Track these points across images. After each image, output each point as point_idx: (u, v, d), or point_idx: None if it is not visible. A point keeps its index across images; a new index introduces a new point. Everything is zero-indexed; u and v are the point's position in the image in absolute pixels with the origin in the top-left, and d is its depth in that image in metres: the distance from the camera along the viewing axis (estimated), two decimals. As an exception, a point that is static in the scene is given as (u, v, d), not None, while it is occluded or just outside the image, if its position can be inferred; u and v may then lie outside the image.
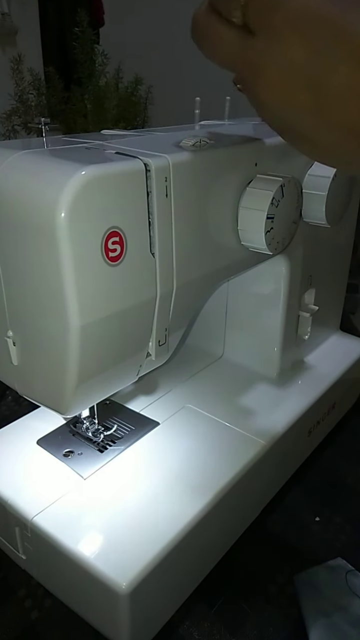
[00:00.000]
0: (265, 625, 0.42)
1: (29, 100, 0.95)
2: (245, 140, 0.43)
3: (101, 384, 0.37)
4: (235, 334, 0.59)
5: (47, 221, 0.28)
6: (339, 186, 0.47)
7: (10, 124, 0.94)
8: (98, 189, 0.29)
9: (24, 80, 0.95)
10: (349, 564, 0.45)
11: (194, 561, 0.42)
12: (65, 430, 0.48)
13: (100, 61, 0.94)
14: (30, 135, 0.95)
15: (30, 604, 0.42)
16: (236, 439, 0.47)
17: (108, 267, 0.31)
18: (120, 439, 0.47)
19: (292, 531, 0.50)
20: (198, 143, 0.38)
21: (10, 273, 0.33)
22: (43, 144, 0.37)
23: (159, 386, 0.54)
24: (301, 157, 0.46)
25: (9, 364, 0.36)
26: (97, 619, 0.39)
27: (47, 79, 0.96)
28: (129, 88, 0.96)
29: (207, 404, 0.52)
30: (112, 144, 0.36)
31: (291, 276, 0.52)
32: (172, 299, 0.37)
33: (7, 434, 0.48)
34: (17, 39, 1.50)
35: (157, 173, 0.32)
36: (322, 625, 0.40)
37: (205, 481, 0.43)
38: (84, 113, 0.93)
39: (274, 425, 0.49)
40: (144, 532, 0.38)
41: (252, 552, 0.47)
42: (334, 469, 0.57)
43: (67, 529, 0.38)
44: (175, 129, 0.48)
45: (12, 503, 0.41)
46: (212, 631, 0.41)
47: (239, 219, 0.41)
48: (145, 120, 0.98)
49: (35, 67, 0.98)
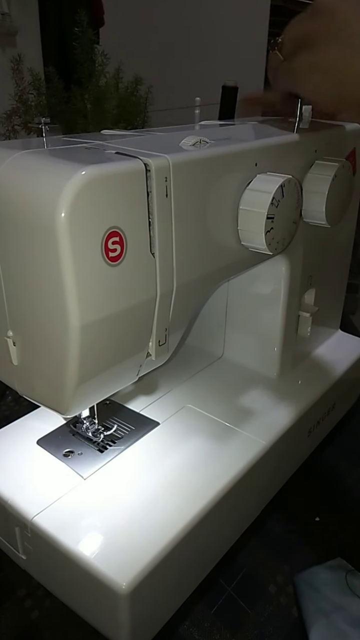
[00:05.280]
0: (265, 625, 0.42)
1: (29, 100, 0.95)
2: (245, 140, 0.43)
3: (101, 384, 0.37)
4: (235, 334, 0.59)
5: (47, 221, 0.28)
6: (339, 186, 0.47)
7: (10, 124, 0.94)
8: (98, 189, 0.29)
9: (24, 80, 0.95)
10: (349, 564, 0.45)
11: (194, 561, 0.42)
12: (65, 430, 0.48)
13: (100, 61, 0.94)
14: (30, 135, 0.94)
15: (30, 604, 0.43)
16: (236, 439, 0.47)
17: (108, 267, 0.31)
18: (120, 439, 0.47)
19: (292, 531, 0.50)
20: (198, 143, 0.38)
21: (10, 273, 0.33)
22: (43, 144, 0.37)
23: (159, 386, 0.54)
24: (301, 157, 0.46)
25: (9, 364, 0.36)
26: (97, 619, 0.39)
27: (47, 79, 0.96)
28: (129, 88, 0.95)
29: (207, 404, 0.52)
30: (112, 144, 0.36)
31: (291, 276, 0.52)
32: (172, 299, 0.37)
33: (7, 434, 0.48)
34: (17, 39, 1.50)
35: (157, 173, 0.32)
36: (322, 625, 0.40)
37: (205, 481, 0.43)
38: (84, 113, 0.93)
39: (274, 425, 0.49)
40: (144, 532, 0.38)
41: (252, 552, 0.47)
42: (334, 469, 0.57)
43: (67, 529, 0.38)
44: (175, 129, 0.48)
45: (12, 503, 0.41)
46: (212, 631, 0.41)
47: (239, 219, 0.41)
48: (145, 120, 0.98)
49: (35, 67, 0.98)
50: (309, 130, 0.47)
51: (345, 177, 0.47)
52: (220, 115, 0.57)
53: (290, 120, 0.49)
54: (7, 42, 1.48)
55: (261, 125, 0.51)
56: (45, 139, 0.38)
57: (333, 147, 0.49)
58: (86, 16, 0.91)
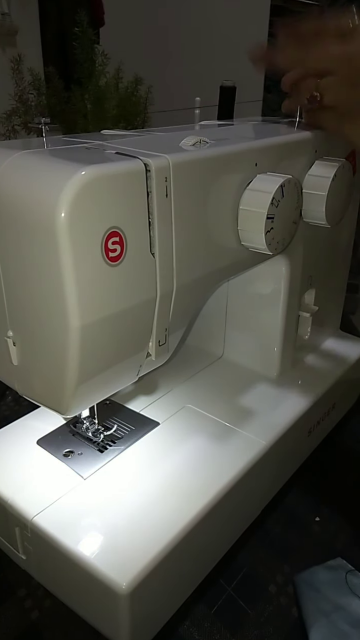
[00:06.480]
0: (265, 625, 0.42)
1: (29, 100, 0.95)
2: (245, 140, 0.43)
3: (101, 384, 0.37)
4: (235, 334, 0.59)
5: (47, 221, 0.28)
6: (339, 186, 0.47)
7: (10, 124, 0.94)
8: (98, 189, 0.29)
9: (24, 80, 0.95)
10: (349, 564, 0.45)
11: (194, 561, 0.42)
12: (65, 430, 0.48)
13: (100, 61, 0.93)
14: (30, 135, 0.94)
15: (30, 604, 0.43)
16: (236, 439, 0.47)
17: (108, 267, 0.31)
18: (120, 439, 0.47)
19: (292, 531, 0.50)
20: (198, 143, 0.38)
21: (10, 273, 0.33)
22: (43, 144, 0.37)
23: (159, 386, 0.54)
24: (301, 157, 0.46)
25: (9, 364, 0.36)
26: (97, 619, 0.39)
27: (47, 79, 0.96)
28: (129, 88, 0.95)
29: (207, 404, 0.52)
30: (112, 144, 0.36)
31: (291, 276, 0.52)
32: (172, 299, 0.37)
33: (7, 434, 0.48)
34: (17, 39, 1.50)
35: (157, 173, 0.32)
36: (322, 625, 0.40)
37: (205, 481, 0.43)
38: (84, 113, 0.93)
39: (274, 425, 0.49)
40: (144, 532, 0.38)
41: (252, 552, 0.47)
42: (334, 469, 0.57)
43: (67, 529, 0.38)
44: (175, 129, 0.48)
45: (12, 503, 0.41)
46: (212, 631, 0.41)
47: (239, 219, 0.41)
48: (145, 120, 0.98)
49: (35, 67, 0.98)
50: (309, 130, 0.47)
51: (345, 177, 0.47)
52: (219, 116, 0.57)
53: (291, 120, 0.49)
54: (7, 42, 1.48)
55: (261, 125, 0.51)
56: (45, 139, 0.38)
57: (333, 147, 0.49)
58: (86, 16, 0.91)
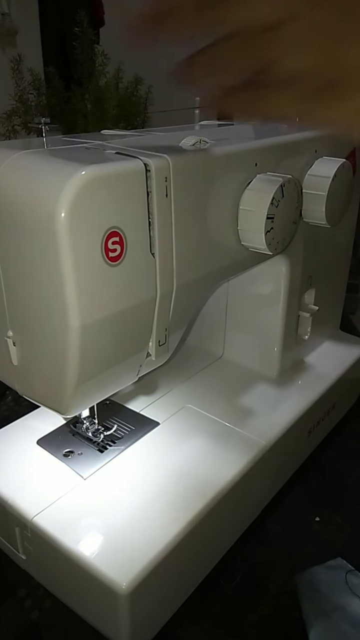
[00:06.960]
0: (265, 625, 0.42)
1: (29, 100, 0.95)
2: (245, 140, 0.43)
3: (101, 383, 0.37)
4: (235, 334, 0.59)
5: (47, 221, 0.28)
6: (339, 186, 0.47)
7: (10, 124, 0.94)
8: (98, 189, 0.29)
9: (24, 80, 0.95)
10: (349, 564, 0.45)
11: (194, 561, 0.42)
12: (65, 430, 0.48)
13: (100, 61, 0.94)
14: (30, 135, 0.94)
15: (30, 604, 0.42)
16: (236, 439, 0.47)
17: (108, 267, 0.31)
18: (120, 439, 0.47)
19: (292, 531, 0.50)
20: (198, 143, 0.38)
21: (10, 273, 0.33)
22: (43, 144, 0.37)
23: (159, 386, 0.54)
24: (301, 157, 0.46)
25: (9, 364, 0.36)
26: (97, 619, 0.39)
27: (47, 79, 0.96)
28: (129, 88, 0.95)
29: (207, 404, 0.52)
30: (112, 144, 0.36)
31: (291, 276, 0.52)
32: (172, 299, 0.37)
33: (7, 434, 0.48)
34: (17, 39, 1.50)
35: (157, 173, 0.32)
36: (322, 625, 0.40)
37: (205, 481, 0.42)
38: (84, 113, 0.93)
39: (274, 425, 0.49)
40: (144, 532, 0.38)
41: (252, 552, 0.47)
42: (334, 469, 0.57)
43: (67, 529, 0.38)
44: (175, 129, 0.48)
45: (12, 503, 0.41)
46: (212, 631, 0.41)
47: (239, 219, 0.41)
48: (145, 120, 0.98)
49: (35, 67, 0.98)
50: (309, 130, 0.47)
51: (345, 177, 0.47)
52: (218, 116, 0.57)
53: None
54: (7, 42, 1.48)
55: (261, 125, 0.51)
56: (45, 139, 0.38)
57: (333, 147, 0.49)
58: (86, 16, 0.91)
